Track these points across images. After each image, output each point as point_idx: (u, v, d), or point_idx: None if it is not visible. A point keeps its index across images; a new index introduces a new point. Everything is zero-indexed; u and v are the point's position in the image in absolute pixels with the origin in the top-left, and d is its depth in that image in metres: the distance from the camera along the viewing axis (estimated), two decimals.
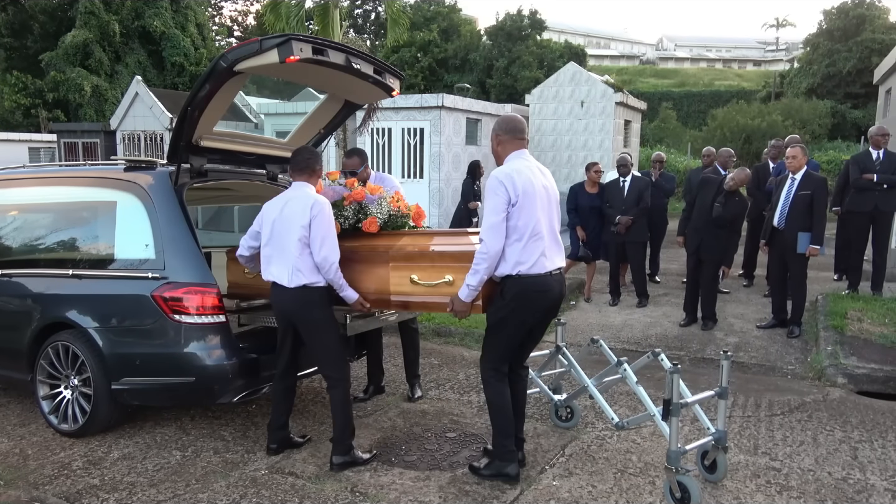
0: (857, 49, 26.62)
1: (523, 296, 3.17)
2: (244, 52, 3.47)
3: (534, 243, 3.14)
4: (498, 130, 3.33)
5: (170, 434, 4.02)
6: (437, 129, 10.80)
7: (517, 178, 3.12)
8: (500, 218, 3.09)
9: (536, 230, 3.15)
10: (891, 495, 3.26)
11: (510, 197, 3.09)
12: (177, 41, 25.41)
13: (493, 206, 3.12)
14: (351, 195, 3.82)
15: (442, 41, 30.38)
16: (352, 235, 3.75)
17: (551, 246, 3.24)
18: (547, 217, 3.23)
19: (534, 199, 3.15)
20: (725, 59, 68.92)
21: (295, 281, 3.44)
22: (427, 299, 3.44)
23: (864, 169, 6.96)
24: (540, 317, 3.30)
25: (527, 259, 3.13)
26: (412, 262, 3.47)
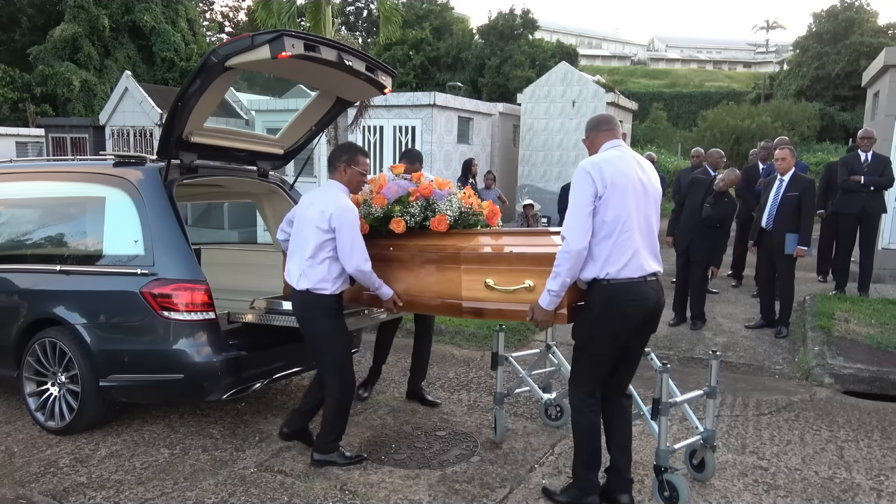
0: (846, 52, 26.84)
1: (613, 305, 2.78)
2: (235, 47, 3.45)
3: (625, 241, 2.77)
4: (586, 132, 3.06)
5: (158, 432, 4.00)
6: (428, 127, 10.79)
7: (605, 168, 2.78)
8: (585, 212, 2.74)
9: (628, 227, 2.77)
10: (876, 494, 3.29)
11: (597, 188, 2.75)
12: (167, 36, 25.23)
13: (578, 198, 2.78)
14: (418, 190, 3.54)
15: (434, 39, 30.36)
16: (418, 234, 3.47)
17: (647, 247, 2.86)
18: (642, 214, 2.84)
19: (625, 192, 2.77)
20: (716, 60, 69.33)
21: (301, 284, 3.38)
22: (503, 306, 3.09)
23: (853, 171, 7.03)
24: (634, 331, 2.87)
25: (616, 260, 2.76)
26: (487, 265, 3.15)
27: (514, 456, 3.67)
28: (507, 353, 3.91)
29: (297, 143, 4.70)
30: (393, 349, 5.82)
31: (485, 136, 12.57)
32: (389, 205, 3.54)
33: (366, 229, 3.56)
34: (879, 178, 6.92)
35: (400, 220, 3.48)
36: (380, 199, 3.54)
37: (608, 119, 3.05)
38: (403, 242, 3.46)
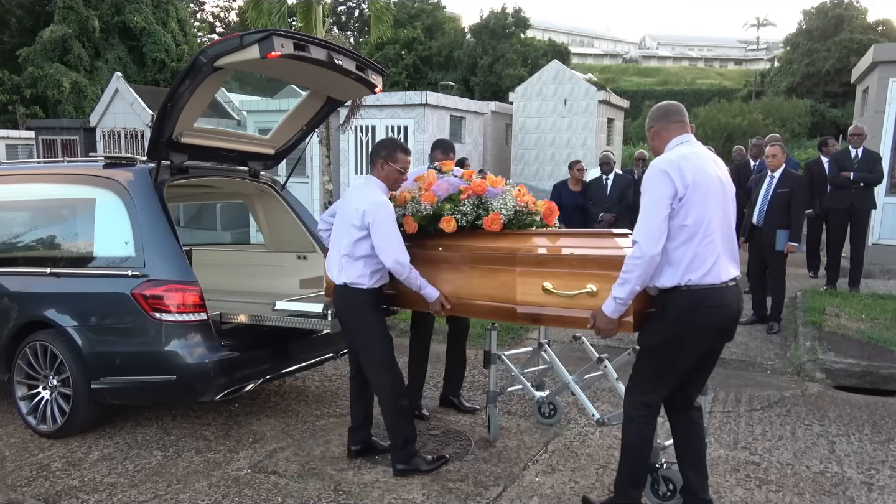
0: (836, 49, 27.02)
1: (693, 313, 2.57)
2: (225, 47, 3.44)
3: (707, 246, 2.56)
4: (650, 123, 2.81)
5: (151, 434, 3.98)
6: (420, 126, 10.79)
7: (685, 166, 2.57)
8: (662, 216, 2.53)
9: (711, 230, 2.57)
10: (867, 488, 3.31)
11: (676, 189, 2.54)
12: (158, 37, 25.13)
13: (654, 200, 2.56)
14: (469, 188, 3.37)
15: (426, 39, 30.36)
16: (470, 234, 3.31)
17: (726, 251, 2.65)
18: (724, 215, 2.65)
19: (707, 192, 2.57)
20: (707, 57, 69.57)
21: (340, 279, 3.38)
22: (563, 312, 2.88)
23: (843, 167, 7.07)
24: (713, 341, 2.68)
25: (699, 265, 2.55)
26: (546, 268, 2.95)
27: (508, 454, 3.68)
28: (500, 352, 3.92)
29: (288, 143, 4.69)
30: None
31: (477, 135, 12.58)
32: (439, 202, 3.37)
33: (414, 228, 3.40)
34: (869, 175, 6.96)
35: (451, 218, 3.29)
36: (429, 197, 3.36)
37: (678, 109, 2.78)
38: (454, 242, 3.29)
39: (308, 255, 4.87)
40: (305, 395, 4.70)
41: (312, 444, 3.82)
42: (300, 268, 4.91)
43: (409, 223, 3.42)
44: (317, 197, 10.86)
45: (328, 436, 3.95)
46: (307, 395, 4.70)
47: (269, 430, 4.03)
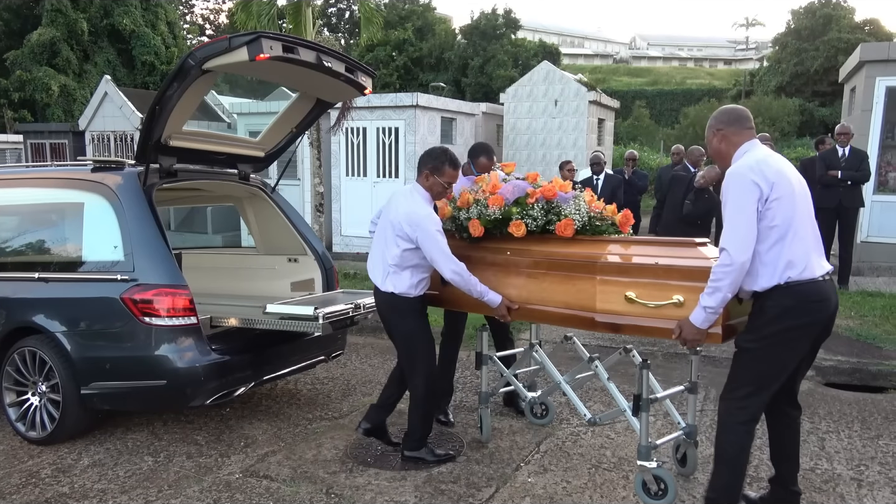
0: (824, 48, 27.16)
1: (798, 309, 2.53)
2: (213, 50, 3.43)
3: (799, 243, 2.55)
4: (717, 125, 2.75)
5: (141, 439, 3.96)
6: (412, 128, 10.77)
7: (766, 170, 2.55)
8: (750, 221, 2.51)
9: (799, 227, 2.56)
10: (856, 484, 3.33)
11: (762, 191, 2.51)
12: (147, 39, 24.99)
13: (740, 206, 2.53)
14: (538, 192, 3.29)
15: (417, 40, 30.34)
16: (539, 239, 3.24)
17: (816, 247, 2.64)
18: (807, 213, 2.64)
19: (791, 191, 2.57)
20: (697, 57, 69.90)
21: (386, 286, 3.41)
22: (645, 322, 2.83)
23: (830, 165, 7.12)
24: (818, 335, 2.64)
25: (796, 263, 2.53)
26: (628, 277, 2.88)
27: (500, 455, 3.68)
28: (492, 353, 3.92)
29: (278, 146, 4.68)
30: (378, 351, 5.82)
31: (468, 137, 12.58)
32: (507, 206, 3.31)
33: (480, 231, 3.36)
34: (856, 173, 7.02)
35: (521, 223, 3.24)
36: (497, 200, 3.30)
37: (749, 116, 2.76)
38: (524, 247, 3.23)
39: (299, 257, 4.86)
40: (297, 398, 4.69)
41: (304, 448, 3.81)
42: (291, 270, 4.90)
43: (476, 226, 3.37)
44: (308, 199, 10.83)
45: (320, 439, 3.94)
46: (299, 398, 4.69)
47: (260, 434, 4.01)
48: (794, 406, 2.85)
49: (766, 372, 2.60)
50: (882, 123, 8.57)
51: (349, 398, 4.66)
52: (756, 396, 2.63)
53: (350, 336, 5.85)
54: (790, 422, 2.84)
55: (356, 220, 11.45)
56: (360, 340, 6.19)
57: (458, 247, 3.46)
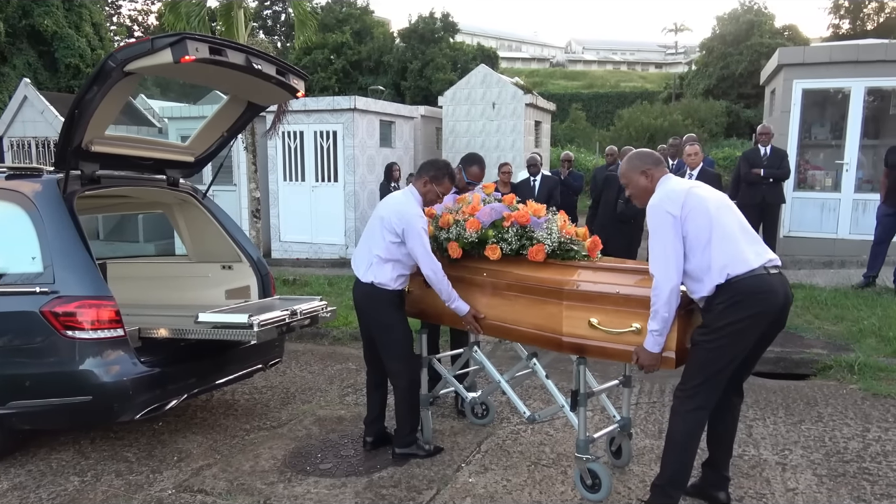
0: (748, 52, 28.42)
1: (744, 303, 2.66)
2: (135, 51, 3.31)
3: (726, 242, 2.70)
4: (646, 165, 2.94)
5: (67, 459, 3.78)
6: (350, 131, 10.69)
7: (674, 195, 2.79)
8: (672, 246, 2.72)
9: (722, 228, 2.72)
10: (781, 468, 3.49)
11: (674, 216, 2.73)
12: (70, 41, 23.91)
13: (660, 234, 2.75)
14: (513, 216, 3.39)
15: (355, 43, 30.14)
16: (514, 261, 3.34)
17: (751, 241, 2.78)
18: (728, 215, 2.79)
19: (703, 202, 2.75)
20: (630, 61, 72.01)
21: (367, 277, 3.53)
22: (608, 345, 2.94)
23: (753, 164, 7.45)
24: (764, 329, 2.73)
25: (728, 259, 2.67)
26: (592, 304, 2.98)
27: (441, 456, 3.68)
28: (433, 355, 3.92)
29: (209, 150, 4.56)
30: (318, 357, 5.75)
31: (407, 140, 12.58)
32: (484, 229, 3.43)
33: (459, 253, 3.49)
34: (777, 171, 7.37)
35: (496, 247, 3.35)
36: (474, 224, 3.42)
37: (660, 157, 3.04)
38: (499, 269, 3.34)
39: (233, 264, 4.74)
40: (234, 408, 4.57)
41: (241, 459, 3.72)
42: (225, 278, 4.77)
43: (454, 248, 3.49)
44: (245, 205, 10.59)
45: (258, 449, 3.85)
46: (236, 408, 4.57)
47: (195, 448, 3.89)
48: (738, 393, 3.01)
49: (715, 363, 2.74)
50: (800, 123, 9.04)
51: (288, 406, 4.58)
52: (704, 386, 2.77)
53: (289, 343, 5.75)
54: (731, 407, 2.99)
55: (295, 226, 11.27)
56: (300, 347, 6.09)
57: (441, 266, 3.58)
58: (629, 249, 6.54)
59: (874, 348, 5.24)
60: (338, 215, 10.97)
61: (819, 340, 5.50)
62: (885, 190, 6.88)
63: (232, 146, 4.95)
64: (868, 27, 32.03)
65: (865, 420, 4.12)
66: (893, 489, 3.24)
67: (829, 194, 9.11)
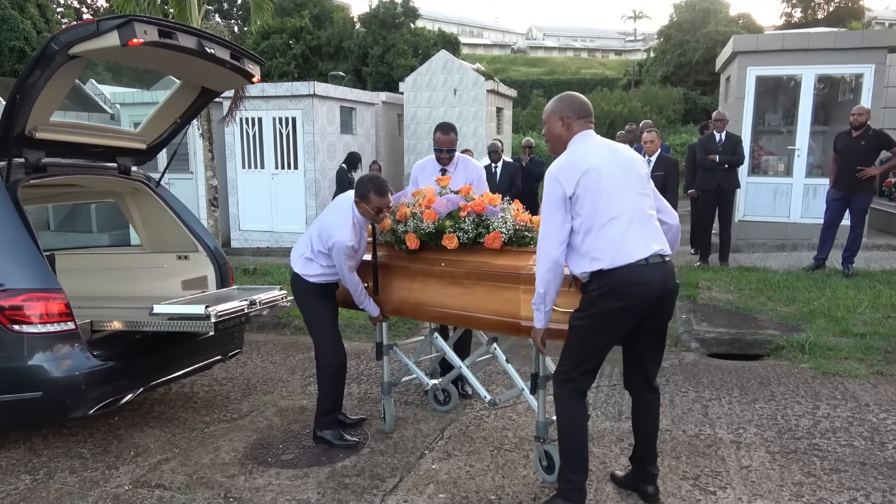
0: (704, 40, 28.94)
1: (616, 293, 2.62)
2: (79, 34, 3.18)
3: (610, 231, 2.62)
4: (567, 112, 2.79)
5: (17, 457, 3.66)
6: (309, 117, 10.52)
7: (574, 168, 2.65)
8: (558, 219, 2.65)
9: (610, 215, 2.62)
10: (735, 447, 3.59)
11: (566, 190, 2.64)
12: (14, 23, 23.01)
13: (548, 205, 2.67)
14: (469, 205, 3.41)
15: (314, 28, 29.67)
16: (471, 250, 3.35)
17: (640, 228, 2.66)
18: (627, 195, 2.67)
19: (600, 182, 2.62)
20: (590, 48, 72.62)
21: (295, 267, 3.70)
22: (564, 327, 2.85)
23: (709, 150, 7.59)
24: (637, 318, 2.70)
25: (607, 248, 2.61)
26: None
27: (405, 444, 3.68)
28: (395, 342, 3.91)
29: (161, 137, 4.43)
30: (280, 347, 5.68)
31: (369, 126, 12.45)
32: (441, 220, 3.43)
33: (416, 244, 3.46)
34: (732, 157, 7.52)
35: (453, 236, 3.35)
36: (431, 215, 3.42)
37: (591, 111, 2.84)
38: (457, 258, 3.34)
39: (189, 254, 4.63)
40: (193, 401, 4.48)
41: (201, 452, 3.65)
42: (181, 268, 4.66)
43: (412, 239, 3.47)
44: (202, 193, 10.36)
45: (218, 442, 3.79)
46: (195, 401, 4.49)
47: (152, 442, 3.81)
48: (650, 391, 2.96)
49: (586, 348, 2.75)
50: (754, 110, 9.23)
51: (249, 398, 4.51)
52: (579, 370, 2.77)
53: (249, 334, 5.67)
54: (645, 403, 2.98)
55: (255, 214, 11.08)
56: (261, 338, 6.01)
57: (398, 258, 3.61)
58: None
59: (824, 328, 5.42)
60: (298, 203, 10.82)
61: (772, 322, 5.67)
62: (833, 175, 7.10)
63: (186, 133, 4.83)
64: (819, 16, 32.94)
65: (815, 398, 4.26)
66: (842, 464, 3.36)
67: (781, 179, 9.35)
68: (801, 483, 3.18)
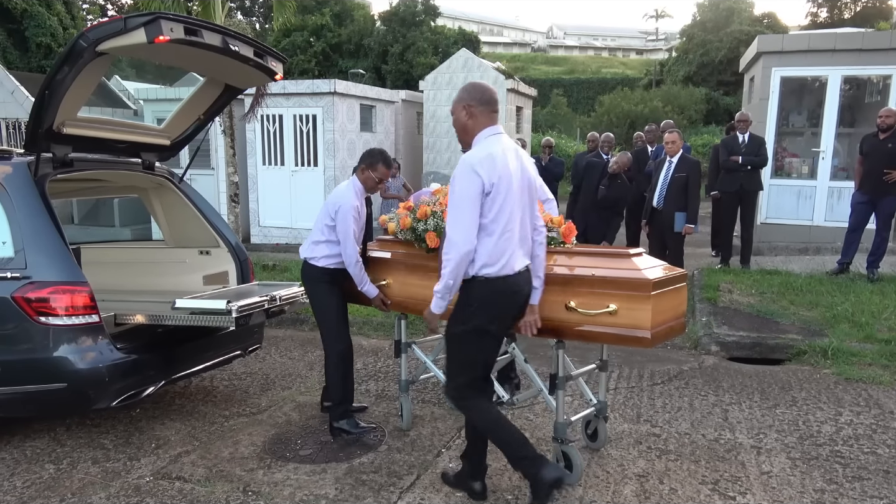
0: (728, 40, 28.59)
1: (493, 302, 2.75)
2: (107, 30, 3.22)
3: (506, 242, 2.72)
4: (470, 100, 2.79)
5: (42, 447, 3.72)
6: (330, 115, 10.57)
7: (492, 165, 2.66)
8: (474, 212, 2.65)
9: (510, 227, 2.72)
10: (756, 452, 3.55)
11: (484, 184, 2.63)
12: (41, 20, 23.34)
13: (463, 195, 2.64)
14: None
15: (335, 26, 29.78)
16: None
17: (521, 244, 2.81)
18: (521, 210, 2.77)
19: (510, 189, 2.69)
20: (611, 47, 72.09)
21: (304, 253, 3.84)
22: (585, 328, 2.93)
23: (732, 151, 7.51)
24: (511, 322, 2.92)
25: (497, 259, 2.70)
26: (569, 287, 2.98)
27: (422, 442, 3.69)
28: (412, 340, 3.92)
29: (185, 134, 4.48)
30: (298, 343, 5.72)
31: (388, 124, 12.48)
32: None
33: (436, 243, 3.44)
34: (755, 158, 7.43)
35: None
36: None
37: (496, 98, 2.83)
38: None
39: (211, 249, 4.68)
40: (213, 395, 4.53)
41: (220, 446, 3.69)
42: (203, 263, 4.71)
43: (432, 238, 3.46)
44: (223, 189, 10.45)
45: (237, 436, 3.82)
46: (215, 395, 4.54)
47: (173, 435, 3.86)
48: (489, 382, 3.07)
49: (469, 355, 2.85)
50: (778, 111, 9.11)
51: (268, 393, 4.55)
52: (467, 378, 2.87)
53: (269, 329, 5.71)
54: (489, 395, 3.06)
55: (274, 211, 11.15)
56: (280, 333, 6.05)
57: (418, 257, 3.59)
58: (609, 235, 6.58)
59: (847, 334, 5.34)
60: (317, 200, 10.86)
61: (794, 326, 5.60)
62: (859, 178, 6.98)
63: (209, 129, 4.87)
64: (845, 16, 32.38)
65: (838, 404, 4.20)
66: (865, 472, 3.31)
67: (805, 182, 9.22)
68: (822, 490, 3.13)
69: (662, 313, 2.90)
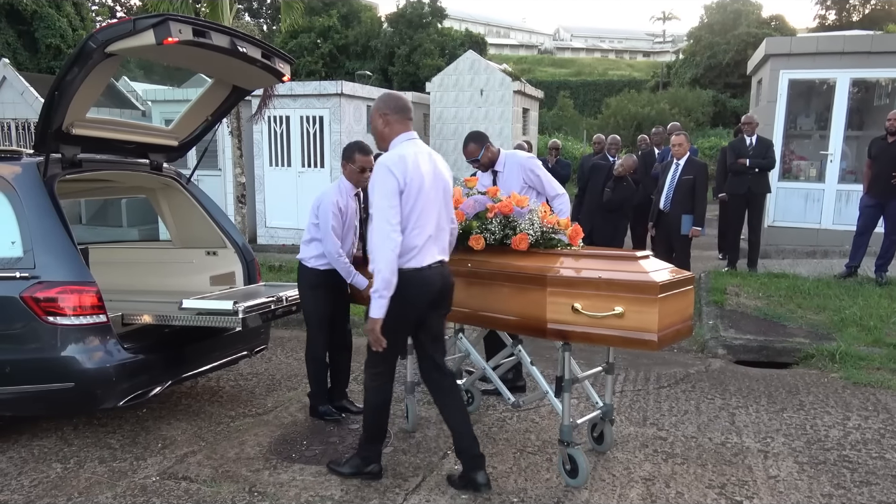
0: (735, 42, 28.49)
1: (405, 293, 2.90)
2: (116, 32, 3.24)
3: (416, 237, 2.92)
4: (384, 109, 3.06)
5: (49, 446, 3.74)
6: (336, 116, 10.59)
7: (404, 164, 2.90)
8: (393, 206, 2.86)
9: (420, 222, 2.93)
10: (763, 456, 3.53)
11: (398, 183, 2.87)
12: (51, 21, 23.51)
13: (385, 192, 2.86)
14: (496, 207, 3.42)
15: (342, 27, 29.87)
16: (498, 251, 3.36)
17: (435, 239, 3.00)
18: (435, 208, 3.00)
19: (421, 188, 2.93)
20: (618, 49, 71.99)
21: (299, 255, 3.98)
22: (591, 331, 2.94)
23: (739, 154, 7.48)
24: (423, 313, 3.06)
25: (405, 252, 2.90)
26: (575, 290, 2.99)
27: (427, 443, 3.69)
28: None
29: (193, 134, 4.50)
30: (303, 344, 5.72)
31: None
32: (468, 220, 3.46)
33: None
34: (763, 161, 7.41)
35: (480, 237, 3.37)
36: (458, 215, 3.41)
37: (409, 107, 3.11)
38: (483, 259, 3.36)
39: (218, 250, 4.69)
40: (219, 395, 4.54)
41: (226, 446, 3.70)
42: (210, 264, 4.73)
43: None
44: (230, 190, 10.49)
45: (243, 436, 3.83)
46: (221, 395, 4.55)
47: (179, 435, 3.87)
48: (443, 374, 3.21)
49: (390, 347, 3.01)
50: (785, 114, 9.07)
51: (274, 393, 4.56)
52: (383, 363, 3.13)
53: (275, 330, 5.72)
54: (446, 389, 3.19)
55: (281, 212, 11.18)
56: (286, 334, 6.06)
57: None
58: (615, 237, 6.56)
59: (855, 337, 5.31)
60: None
61: (801, 329, 5.57)
62: (867, 181, 6.95)
63: (216, 130, 4.89)
64: (854, 18, 32.25)
65: (846, 408, 4.18)
66: (872, 476, 3.29)
67: (813, 184, 9.17)
68: (830, 495, 3.12)
69: (669, 316, 2.90)
